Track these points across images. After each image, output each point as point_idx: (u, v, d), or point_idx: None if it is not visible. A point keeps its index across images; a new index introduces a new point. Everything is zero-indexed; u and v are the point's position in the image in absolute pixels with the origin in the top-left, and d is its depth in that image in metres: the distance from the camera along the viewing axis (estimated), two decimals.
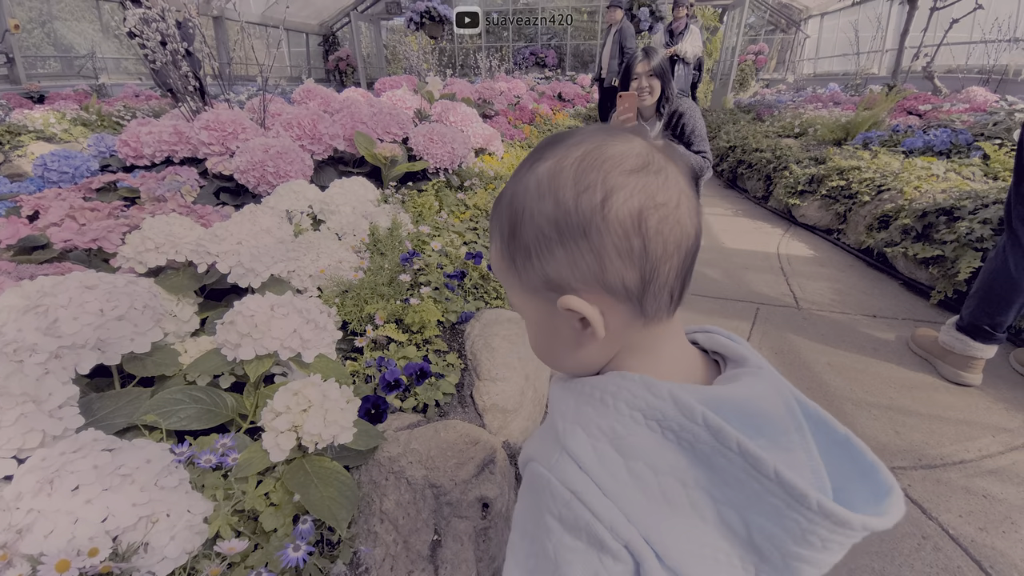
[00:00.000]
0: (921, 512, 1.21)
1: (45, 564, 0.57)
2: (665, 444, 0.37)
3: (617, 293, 0.39)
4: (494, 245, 0.45)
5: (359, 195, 2.05)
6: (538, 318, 0.44)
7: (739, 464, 0.35)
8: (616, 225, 0.37)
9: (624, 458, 0.37)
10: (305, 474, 0.81)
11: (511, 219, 0.41)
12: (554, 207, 0.38)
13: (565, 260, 0.39)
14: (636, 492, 0.36)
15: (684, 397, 0.37)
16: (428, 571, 0.89)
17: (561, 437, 0.39)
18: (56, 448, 0.64)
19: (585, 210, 0.37)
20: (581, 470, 0.37)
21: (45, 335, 0.77)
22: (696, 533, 0.36)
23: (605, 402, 0.39)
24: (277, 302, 0.97)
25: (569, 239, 0.38)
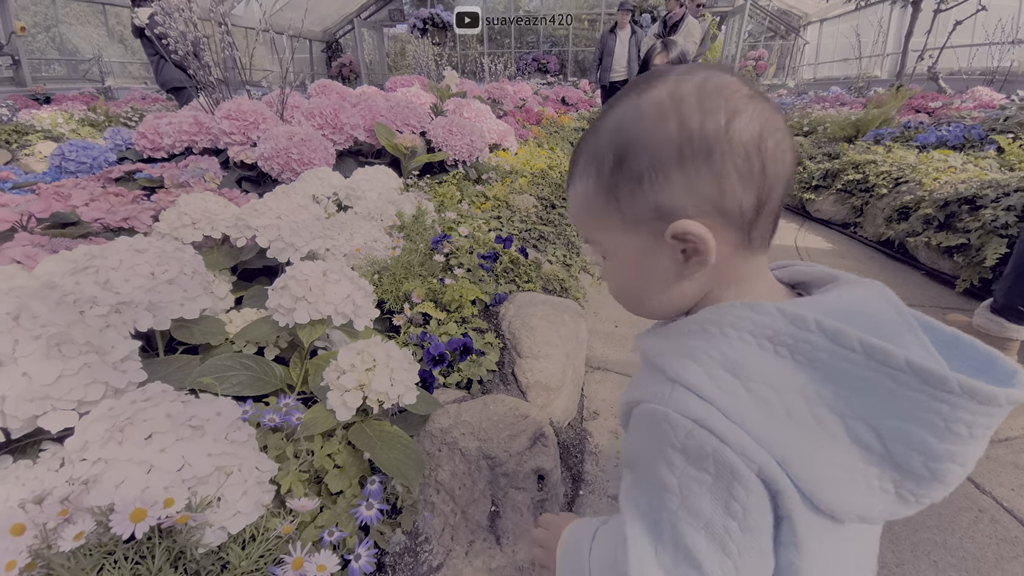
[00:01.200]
0: (975, 487, 1.19)
1: (118, 514, 0.54)
2: (780, 362, 0.35)
3: (731, 218, 0.39)
4: (583, 184, 0.44)
5: (383, 182, 2.03)
6: (634, 254, 0.43)
7: (864, 364, 0.33)
8: (740, 146, 0.37)
9: (741, 380, 0.35)
10: (368, 437, 0.78)
11: (619, 148, 0.40)
12: (678, 130, 0.38)
13: (682, 185, 0.38)
14: (760, 412, 0.34)
15: (792, 308, 0.36)
16: (490, 540, 0.86)
17: (670, 372, 0.38)
18: (125, 398, 0.62)
19: (710, 132, 0.37)
20: (700, 398, 0.35)
21: (104, 289, 0.74)
22: (827, 453, 0.33)
23: (709, 332, 0.38)
24: (329, 268, 0.95)
25: (690, 162, 0.38)
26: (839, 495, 0.33)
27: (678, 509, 0.36)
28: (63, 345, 0.61)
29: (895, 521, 1.08)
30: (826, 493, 0.33)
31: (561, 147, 4.67)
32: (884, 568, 0.98)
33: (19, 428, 0.62)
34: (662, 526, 0.37)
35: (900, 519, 0.35)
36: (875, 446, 0.33)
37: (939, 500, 0.34)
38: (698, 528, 0.35)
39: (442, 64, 5.02)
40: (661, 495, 0.37)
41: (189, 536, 0.59)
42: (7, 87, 7.08)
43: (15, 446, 0.71)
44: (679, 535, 0.36)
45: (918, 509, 0.35)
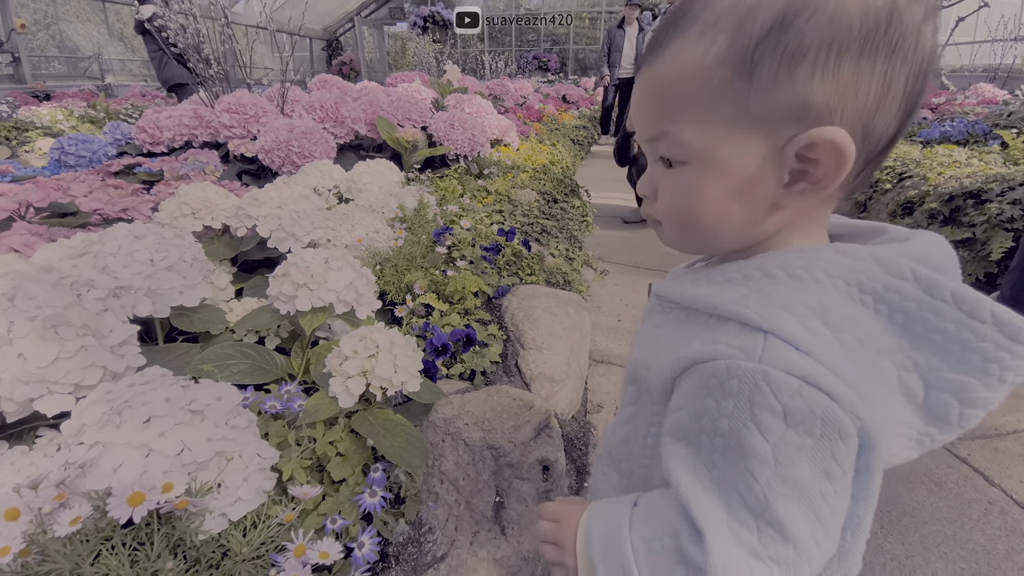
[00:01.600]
0: (984, 480, 1.18)
1: (116, 498, 0.53)
2: (864, 312, 0.33)
3: (868, 142, 0.32)
4: (698, 47, 0.33)
5: (385, 175, 2.01)
6: (733, 163, 0.34)
7: (951, 316, 0.32)
8: (921, 54, 0.31)
9: (834, 332, 0.32)
10: (371, 425, 0.77)
11: (788, 7, 0.30)
12: (883, 4, 0.29)
13: (849, 80, 0.30)
14: (854, 366, 0.31)
15: (887, 255, 0.33)
16: (495, 531, 0.85)
17: (759, 322, 0.32)
18: (123, 382, 0.60)
19: (909, 22, 0.30)
20: (800, 352, 0.31)
21: (102, 273, 0.73)
22: (887, 405, 0.34)
23: (799, 276, 0.34)
24: (331, 255, 0.93)
25: (871, 52, 0.30)
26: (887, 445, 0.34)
27: (770, 479, 0.31)
28: (60, 327, 0.60)
29: (904, 512, 1.07)
30: (884, 443, 0.33)
31: (563, 143, 4.66)
32: (894, 560, 0.96)
33: (14, 412, 0.61)
34: (742, 499, 0.32)
35: (908, 513, 0.36)
36: (918, 397, 0.34)
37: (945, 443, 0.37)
38: (791, 497, 0.31)
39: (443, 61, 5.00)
40: (745, 465, 0.31)
41: (189, 522, 0.58)
42: (7, 84, 7.07)
43: (10, 432, 0.70)
44: (766, 507, 0.31)
45: (920, 454, 0.37)
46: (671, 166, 0.37)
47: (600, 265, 2.38)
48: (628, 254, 2.63)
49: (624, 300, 2.11)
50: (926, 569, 0.95)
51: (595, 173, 4.83)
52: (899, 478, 1.16)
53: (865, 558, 1.05)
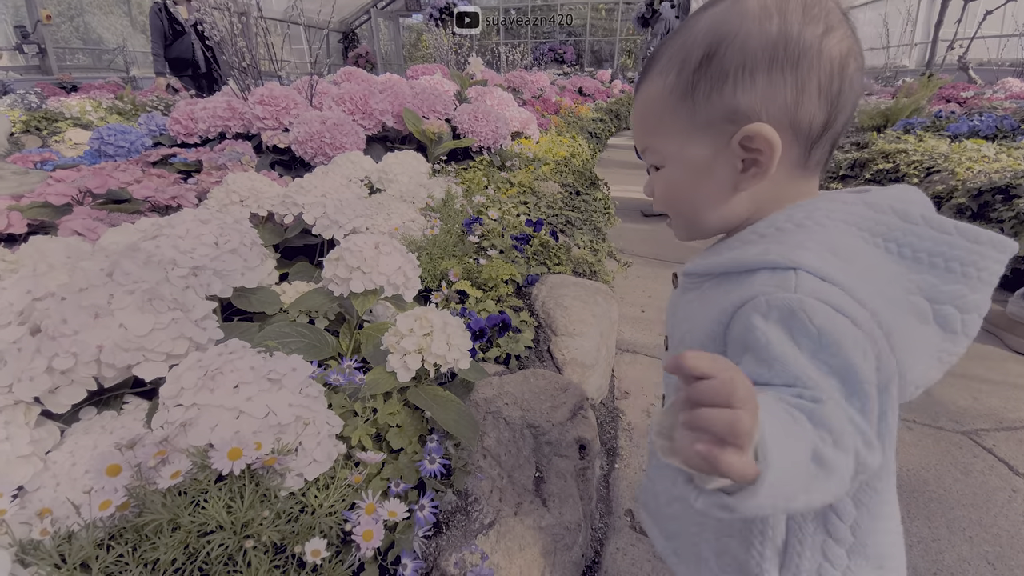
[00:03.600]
0: (1008, 469, 1.20)
1: (217, 452, 0.58)
2: (867, 246, 0.40)
3: (800, 133, 0.41)
4: (659, 83, 0.45)
5: (413, 166, 2.06)
6: (693, 161, 0.44)
7: (927, 235, 0.39)
8: (827, 62, 0.39)
9: (846, 262, 0.38)
10: (424, 399, 0.82)
11: (711, 43, 0.41)
12: (778, 30, 0.39)
13: (765, 89, 0.40)
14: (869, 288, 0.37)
15: (871, 197, 0.41)
16: (536, 503, 0.89)
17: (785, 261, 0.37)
18: (212, 351, 0.66)
19: (807, 39, 0.38)
20: (827, 282, 0.37)
21: (181, 253, 0.78)
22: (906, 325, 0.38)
23: (805, 224, 0.40)
24: (381, 240, 0.98)
25: (778, 67, 0.39)
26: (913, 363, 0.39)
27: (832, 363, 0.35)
28: (154, 301, 0.65)
29: (931, 499, 1.10)
30: (911, 360, 0.38)
31: (581, 136, 4.67)
32: (920, 543, 0.99)
33: (112, 377, 0.67)
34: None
35: (935, 499, 0.39)
36: (928, 315, 0.39)
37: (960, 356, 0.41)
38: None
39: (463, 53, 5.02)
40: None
41: (271, 479, 0.64)
42: (34, 75, 7.23)
43: (98, 399, 0.76)
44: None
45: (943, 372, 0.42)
46: (658, 169, 0.48)
47: (623, 257, 2.41)
48: (649, 247, 2.65)
49: (647, 291, 2.13)
50: (952, 552, 0.98)
51: (613, 166, 4.83)
52: (926, 466, 1.19)
53: None
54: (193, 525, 0.58)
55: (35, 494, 0.64)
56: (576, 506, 0.92)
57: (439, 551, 0.77)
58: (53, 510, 0.63)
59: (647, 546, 0.99)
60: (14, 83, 5.89)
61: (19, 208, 1.27)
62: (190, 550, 0.58)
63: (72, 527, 0.60)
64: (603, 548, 0.98)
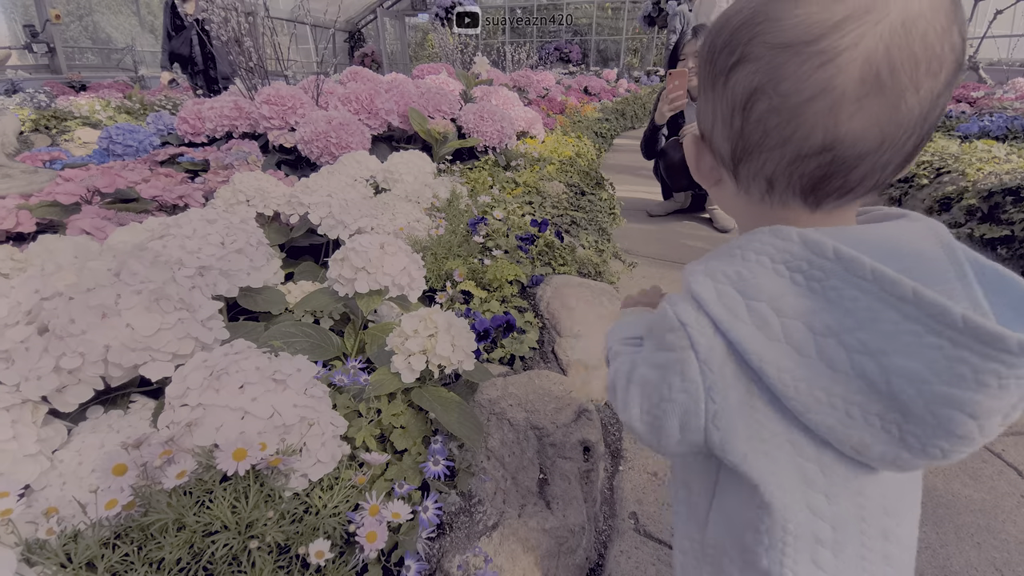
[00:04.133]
0: (1017, 474, 1.19)
1: (222, 452, 0.58)
2: (794, 288, 0.35)
3: (719, 156, 0.42)
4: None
5: (419, 166, 2.06)
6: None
7: (874, 293, 0.32)
8: (729, 95, 0.38)
9: (745, 298, 0.37)
10: (429, 400, 0.82)
11: (712, 39, 0.41)
12: (709, 49, 0.39)
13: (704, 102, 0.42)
14: (754, 329, 0.36)
15: (814, 236, 0.35)
16: (540, 505, 0.89)
17: (692, 281, 0.40)
18: (218, 351, 0.66)
19: (719, 67, 0.38)
20: (699, 309, 0.38)
21: (188, 253, 0.79)
22: (824, 381, 0.34)
23: (732, 253, 0.40)
24: (386, 241, 0.98)
25: (709, 81, 0.40)
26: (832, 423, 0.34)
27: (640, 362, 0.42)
28: (161, 301, 0.65)
29: (939, 504, 1.09)
30: (816, 416, 0.35)
31: (587, 136, 4.65)
32: (928, 548, 0.98)
33: (119, 377, 0.67)
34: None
35: (943, 504, 0.36)
36: (880, 383, 0.32)
37: (956, 458, 0.32)
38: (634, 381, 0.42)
39: (468, 52, 5.02)
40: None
41: (276, 480, 0.64)
42: (43, 74, 7.29)
43: (105, 398, 0.76)
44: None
45: (932, 461, 0.33)
46: None
47: (628, 257, 2.40)
48: (654, 247, 2.64)
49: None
50: (960, 557, 0.97)
51: (619, 166, 4.82)
52: (935, 472, 1.18)
53: None
54: (198, 525, 0.58)
55: (41, 493, 0.64)
56: (580, 508, 0.92)
57: (443, 552, 0.77)
58: (59, 509, 0.63)
59: (651, 549, 0.99)
60: (23, 82, 5.94)
61: (28, 207, 1.28)
62: (195, 550, 0.58)
63: (78, 526, 0.61)
64: (607, 551, 0.98)
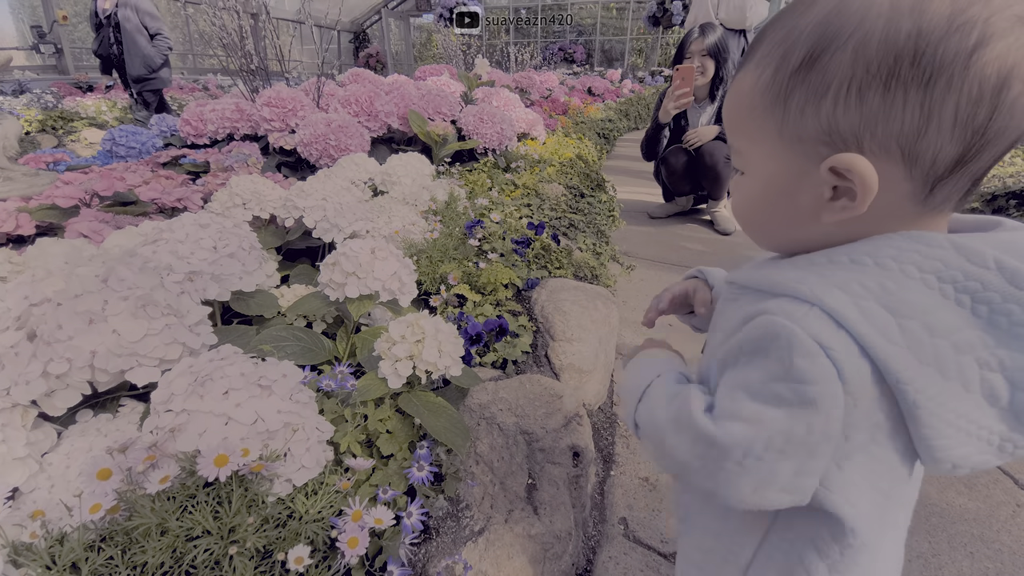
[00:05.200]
0: (1014, 483, 1.18)
1: (204, 458, 0.59)
2: (942, 302, 0.32)
3: (918, 167, 0.32)
4: (754, 76, 0.37)
5: (417, 169, 2.07)
6: (775, 176, 0.38)
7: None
8: (974, 84, 0.30)
9: (896, 316, 0.32)
10: (416, 405, 0.82)
11: (818, 42, 0.33)
12: (908, 37, 0.30)
13: (877, 110, 0.32)
14: (907, 352, 0.32)
15: (968, 242, 0.32)
16: (527, 511, 0.89)
17: (808, 296, 0.34)
18: (203, 357, 0.66)
19: (948, 52, 0.29)
20: (839, 327, 0.32)
21: (178, 259, 0.80)
22: (957, 403, 0.32)
23: (862, 263, 0.34)
24: (377, 245, 0.99)
25: (901, 84, 0.31)
26: (951, 444, 0.33)
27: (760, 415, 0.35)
28: (148, 307, 0.66)
29: (933, 512, 1.08)
30: (941, 441, 0.32)
31: (589, 137, 4.65)
32: (920, 558, 0.98)
33: (106, 382, 0.68)
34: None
35: (937, 513, 0.37)
36: (1002, 399, 0.32)
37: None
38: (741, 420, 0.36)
39: (470, 53, 5.03)
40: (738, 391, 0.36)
41: (260, 485, 0.64)
42: (50, 75, 7.37)
43: (95, 401, 0.77)
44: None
45: (1004, 462, 0.35)
46: (742, 173, 0.42)
47: (626, 260, 2.40)
48: (654, 250, 2.63)
49: (650, 295, 2.11)
50: (952, 567, 0.96)
51: (621, 167, 4.81)
52: (929, 480, 1.17)
53: None
54: (181, 530, 0.59)
55: (30, 495, 0.65)
56: (568, 514, 0.92)
57: (428, 558, 0.77)
58: (47, 512, 0.64)
59: (640, 555, 0.99)
60: (31, 83, 6.00)
61: (28, 210, 1.29)
62: (177, 554, 0.59)
63: (65, 529, 0.62)
64: (595, 556, 0.98)
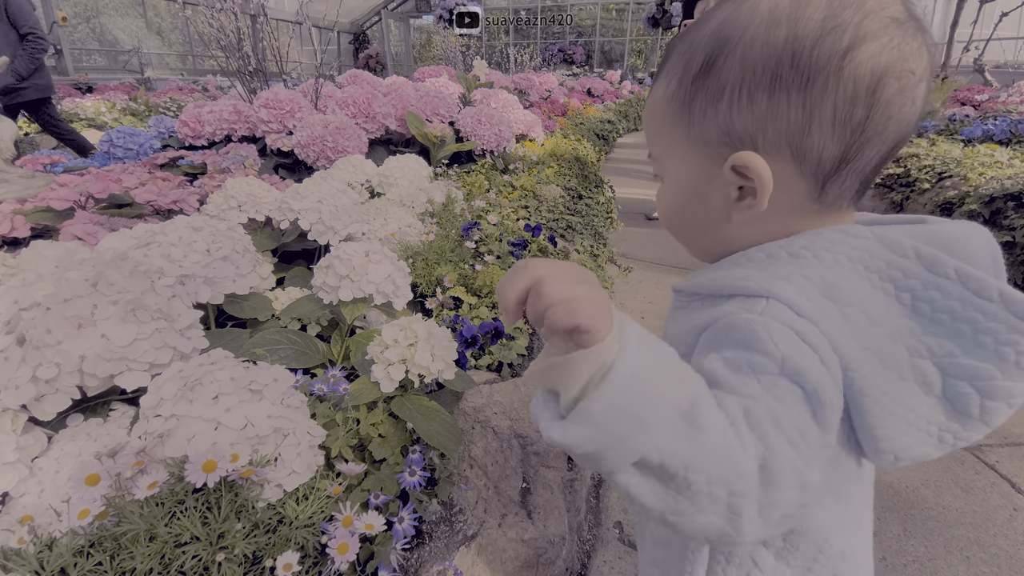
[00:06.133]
0: (1011, 487, 1.17)
1: (192, 464, 0.59)
2: (872, 291, 0.33)
3: (806, 164, 0.34)
4: (664, 86, 0.39)
5: (414, 170, 2.06)
6: (690, 179, 0.39)
7: (956, 294, 0.31)
8: (849, 83, 0.31)
9: (838, 305, 0.32)
10: (409, 409, 0.82)
11: (713, 49, 0.35)
12: (785, 42, 0.32)
13: (765, 111, 0.33)
14: (855, 341, 0.32)
15: (889, 233, 0.33)
16: (521, 515, 0.89)
17: (759, 289, 0.34)
18: (193, 361, 0.66)
19: (822, 54, 0.31)
20: (800, 316, 0.32)
21: (169, 263, 0.79)
22: (897, 392, 0.32)
23: (801, 255, 0.35)
24: (371, 248, 0.98)
25: (783, 86, 0.33)
26: (892, 434, 0.33)
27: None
28: (137, 311, 0.66)
29: (929, 516, 1.08)
30: (884, 430, 0.32)
31: (587, 138, 4.65)
32: (916, 562, 0.97)
33: (95, 386, 0.67)
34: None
35: (933, 517, 0.36)
36: (935, 387, 0.32)
37: (971, 443, 0.34)
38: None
39: (469, 55, 5.03)
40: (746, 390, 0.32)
41: (250, 490, 0.64)
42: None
43: (86, 405, 0.77)
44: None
45: (944, 453, 0.34)
46: (662, 179, 0.43)
47: (624, 262, 2.40)
48: (652, 251, 2.63)
49: (647, 297, 2.12)
50: (948, 572, 0.96)
51: (619, 168, 4.81)
52: (926, 483, 1.16)
53: (887, 560, 1.05)
54: (169, 536, 0.59)
55: (19, 500, 0.65)
56: (561, 518, 0.91)
57: (420, 563, 0.77)
58: (37, 517, 0.64)
59: (635, 559, 0.98)
60: None
61: (23, 212, 1.29)
62: (166, 560, 0.58)
63: (54, 534, 0.61)
64: (590, 561, 0.98)
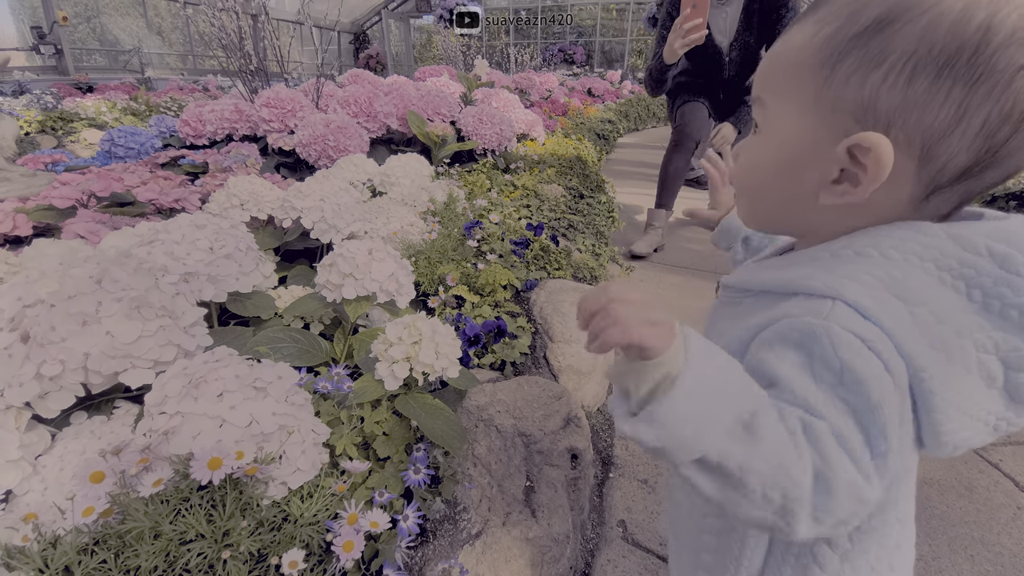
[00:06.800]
0: (1014, 485, 1.17)
1: (197, 461, 0.58)
2: (943, 289, 0.32)
3: (928, 168, 0.33)
4: (811, 30, 0.35)
5: (416, 169, 2.06)
6: (793, 141, 0.37)
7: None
8: (1010, 99, 0.30)
9: (907, 304, 0.32)
10: (413, 407, 0.82)
11: (892, 9, 0.31)
12: (977, 30, 0.29)
13: (921, 97, 0.31)
14: (924, 341, 0.31)
15: (962, 231, 0.33)
16: (525, 513, 0.89)
17: (824, 289, 0.33)
18: (198, 358, 0.66)
19: (1003, 59, 0.29)
20: (866, 319, 0.32)
21: (173, 260, 0.79)
22: (963, 386, 0.32)
23: (867, 254, 0.34)
24: (374, 246, 0.98)
25: (952, 76, 0.30)
26: (957, 428, 0.33)
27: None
28: (142, 308, 0.66)
29: (933, 515, 1.08)
30: (950, 425, 0.33)
31: (588, 138, 4.65)
32: (920, 561, 0.97)
33: (100, 384, 0.67)
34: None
35: (937, 516, 0.36)
36: (998, 380, 0.32)
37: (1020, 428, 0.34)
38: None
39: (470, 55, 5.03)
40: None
41: (255, 488, 0.64)
42: (50, 76, 7.36)
43: (89, 403, 0.77)
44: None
45: (995, 438, 0.35)
46: (757, 130, 0.40)
47: (626, 262, 2.40)
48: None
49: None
50: (952, 571, 0.96)
51: (620, 169, 4.81)
52: (930, 483, 1.16)
53: None
54: (174, 533, 0.59)
55: (23, 498, 0.64)
56: (565, 517, 0.91)
57: (425, 561, 0.77)
58: (40, 514, 0.64)
59: (639, 558, 0.98)
60: (30, 83, 5.99)
61: (25, 210, 1.29)
62: (171, 558, 0.58)
63: (58, 532, 0.61)
64: (594, 559, 0.97)
